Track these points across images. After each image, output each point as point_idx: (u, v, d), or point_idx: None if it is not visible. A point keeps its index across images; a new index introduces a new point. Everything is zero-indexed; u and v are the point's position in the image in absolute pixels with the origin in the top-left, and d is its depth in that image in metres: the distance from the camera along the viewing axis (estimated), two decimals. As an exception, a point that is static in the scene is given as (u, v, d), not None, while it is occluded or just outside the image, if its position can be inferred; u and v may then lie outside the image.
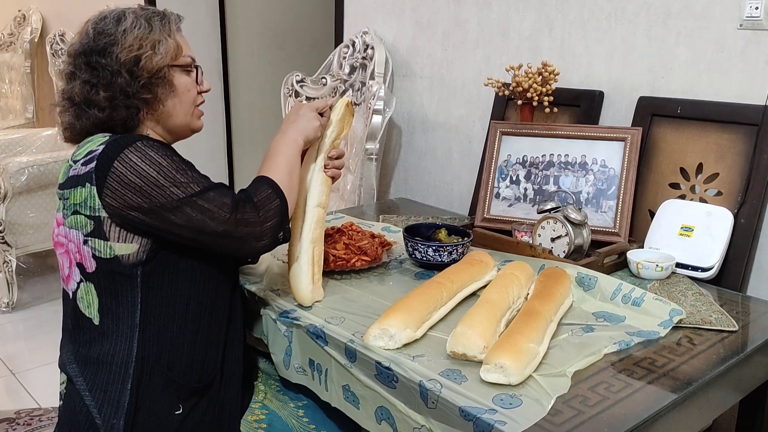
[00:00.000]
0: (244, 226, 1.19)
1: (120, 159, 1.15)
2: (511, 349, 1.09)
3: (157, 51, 1.24)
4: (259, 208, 1.21)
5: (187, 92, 1.30)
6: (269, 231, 1.22)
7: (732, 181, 1.64)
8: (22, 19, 4.33)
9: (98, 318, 1.21)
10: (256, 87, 3.82)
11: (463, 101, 2.32)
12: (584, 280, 1.45)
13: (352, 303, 1.38)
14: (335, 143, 1.41)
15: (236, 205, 1.19)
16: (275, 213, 1.23)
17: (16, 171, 2.96)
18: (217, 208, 1.17)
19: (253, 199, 1.22)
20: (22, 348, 2.79)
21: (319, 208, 1.38)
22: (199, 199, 1.16)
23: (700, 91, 1.73)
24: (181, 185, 1.16)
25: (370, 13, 2.58)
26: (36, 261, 3.47)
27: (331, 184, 1.41)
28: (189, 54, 1.31)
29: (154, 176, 1.15)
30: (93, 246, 1.19)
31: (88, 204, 1.17)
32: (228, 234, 1.18)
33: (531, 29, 2.07)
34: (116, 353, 1.20)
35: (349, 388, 1.22)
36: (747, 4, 1.61)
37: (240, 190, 1.26)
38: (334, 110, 1.41)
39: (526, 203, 1.84)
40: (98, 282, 1.20)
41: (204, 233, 1.17)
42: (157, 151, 1.17)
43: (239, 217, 1.18)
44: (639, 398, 1.08)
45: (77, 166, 1.19)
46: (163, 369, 1.22)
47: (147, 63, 1.22)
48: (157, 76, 1.24)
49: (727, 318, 1.35)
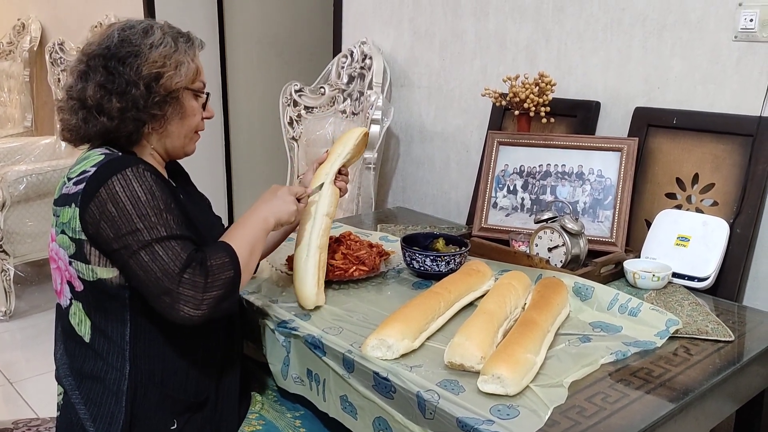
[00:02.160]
0: (186, 287, 1.12)
1: (106, 185, 1.13)
2: (508, 359, 1.10)
3: (179, 72, 1.24)
4: (209, 274, 1.14)
5: (193, 116, 1.30)
6: (210, 301, 1.13)
7: (728, 191, 1.65)
8: (21, 28, 4.33)
9: (89, 336, 1.21)
10: (255, 95, 3.82)
11: (460, 111, 2.33)
12: (581, 290, 1.46)
13: (350, 313, 1.39)
14: (347, 164, 1.49)
15: (188, 263, 1.13)
16: (224, 284, 1.15)
17: (14, 180, 2.96)
18: (170, 259, 1.12)
19: (207, 262, 1.15)
20: (20, 357, 2.79)
21: (327, 217, 1.42)
22: (158, 244, 1.12)
23: (696, 102, 1.75)
24: (149, 226, 1.13)
25: (368, 23, 2.60)
26: (34, 270, 3.47)
27: (339, 196, 1.46)
28: (203, 80, 1.32)
29: (128, 209, 1.13)
30: (77, 268, 1.19)
31: (71, 225, 1.17)
32: (168, 292, 1.11)
33: (528, 40, 2.08)
34: (108, 370, 1.20)
35: (347, 399, 1.22)
36: (742, 16, 1.63)
37: (199, 249, 1.18)
38: (352, 135, 1.49)
39: (524, 213, 1.85)
40: (87, 301, 1.21)
41: (147, 283, 1.13)
42: (142, 184, 1.15)
43: (186, 277, 1.12)
44: (636, 408, 1.08)
45: (70, 185, 1.18)
46: (158, 385, 1.21)
47: (167, 81, 1.22)
48: (171, 96, 1.24)
49: (723, 328, 1.35)
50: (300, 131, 2.67)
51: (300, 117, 2.67)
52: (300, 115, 2.67)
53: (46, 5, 4.29)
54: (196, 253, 1.16)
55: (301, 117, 2.67)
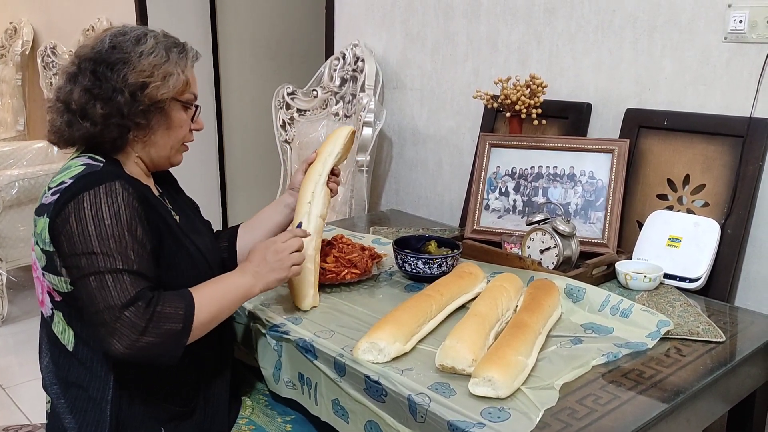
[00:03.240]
0: (124, 324, 1.07)
1: (75, 200, 1.11)
2: (499, 362, 1.10)
3: (167, 83, 1.22)
4: (152, 319, 1.09)
5: (180, 128, 1.28)
6: (142, 346, 1.08)
7: (718, 192, 1.65)
8: (14, 32, 4.33)
9: (72, 345, 1.21)
10: (248, 98, 3.82)
11: (452, 113, 2.33)
12: (573, 292, 1.46)
13: (341, 316, 1.39)
14: (337, 163, 1.49)
15: (133, 302, 1.09)
16: (164, 335, 1.10)
17: (6, 184, 2.96)
18: (117, 293, 1.08)
19: (157, 306, 1.10)
20: (12, 362, 2.77)
21: (320, 219, 1.44)
22: (109, 274, 1.09)
23: (687, 103, 1.75)
24: (105, 253, 1.09)
25: (360, 26, 2.60)
26: (26, 275, 3.45)
27: (330, 197, 1.48)
28: (193, 91, 1.30)
29: (89, 229, 1.10)
30: (50, 280, 1.18)
31: (42, 236, 1.16)
32: (105, 324, 1.08)
33: (519, 41, 2.09)
34: (92, 378, 1.19)
35: (339, 402, 1.22)
36: (731, 17, 1.63)
37: (154, 288, 1.14)
38: (340, 134, 1.50)
39: (516, 215, 1.85)
40: (66, 311, 1.20)
41: (89, 309, 1.10)
42: (111, 206, 1.12)
43: (126, 314, 1.07)
44: (627, 410, 1.08)
45: (48, 195, 1.16)
46: (143, 393, 1.21)
47: (153, 91, 1.20)
48: (157, 106, 1.22)
49: (714, 329, 1.35)
50: (293, 134, 2.67)
51: (293, 120, 2.67)
52: (293, 118, 2.67)
53: (38, 9, 4.28)
54: (148, 292, 1.12)
55: (293, 120, 2.67)
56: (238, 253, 1.49)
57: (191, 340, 1.15)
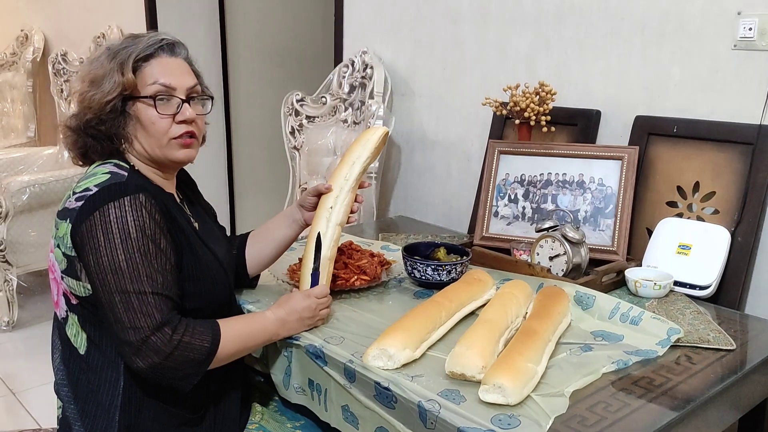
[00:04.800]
0: (149, 349, 1.11)
1: (101, 210, 1.12)
2: (509, 369, 1.10)
3: (101, 88, 1.21)
4: (178, 347, 1.12)
5: (152, 125, 1.22)
6: (164, 371, 1.12)
7: (728, 199, 1.65)
8: (25, 39, 4.36)
9: (84, 348, 1.22)
10: (256, 105, 3.84)
11: (461, 120, 2.34)
12: (582, 299, 1.46)
13: (351, 323, 1.39)
14: (366, 166, 1.44)
15: (160, 327, 1.11)
16: (186, 363, 1.14)
17: (17, 190, 2.98)
18: (143, 316, 1.11)
19: (185, 336, 1.13)
20: (23, 367, 2.79)
21: (339, 227, 1.41)
22: (135, 296, 1.11)
23: (696, 111, 1.75)
24: (131, 273, 1.11)
25: (368, 33, 2.61)
26: (36, 280, 3.47)
27: (353, 208, 1.45)
28: (162, 83, 1.22)
29: (116, 243, 1.11)
30: (68, 284, 1.19)
31: (65, 241, 1.17)
32: (130, 344, 1.11)
33: (528, 48, 2.09)
34: (102, 383, 1.20)
35: (349, 408, 1.22)
36: (741, 24, 1.64)
37: (183, 317, 1.17)
38: (372, 136, 1.43)
39: (525, 222, 1.85)
40: (82, 314, 1.21)
41: (114, 325, 1.13)
42: (136, 218, 1.13)
43: (153, 339, 1.11)
44: (637, 418, 1.08)
45: (72, 199, 1.18)
46: (153, 400, 1.21)
47: (86, 101, 1.22)
48: (105, 111, 1.21)
49: (724, 337, 1.35)
50: (302, 140, 2.68)
51: (302, 126, 2.68)
52: (302, 125, 2.68)
53: (49, 16, 4.31)
54: (175, 316, 1.15)
55: (302, 126, 2.68)
56: (247, 262, 1.50)
57: (208, 367, 1.18)
